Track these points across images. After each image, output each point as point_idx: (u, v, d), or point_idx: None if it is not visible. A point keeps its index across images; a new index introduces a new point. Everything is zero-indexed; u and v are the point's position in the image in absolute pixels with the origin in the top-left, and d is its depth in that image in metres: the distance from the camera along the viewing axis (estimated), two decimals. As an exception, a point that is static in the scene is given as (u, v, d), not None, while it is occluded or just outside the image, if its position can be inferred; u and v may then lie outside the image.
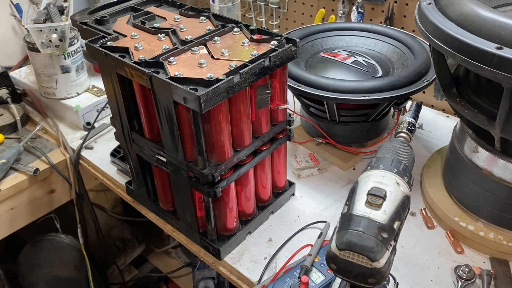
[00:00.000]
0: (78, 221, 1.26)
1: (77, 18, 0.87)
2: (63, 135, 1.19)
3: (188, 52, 0.74)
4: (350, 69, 1.01)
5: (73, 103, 1.20)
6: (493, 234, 0.80)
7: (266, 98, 0.75)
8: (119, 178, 1.05)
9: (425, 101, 1.23)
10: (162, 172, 0.84)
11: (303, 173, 1.00)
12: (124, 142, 0.88)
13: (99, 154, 1.13)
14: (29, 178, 1.10)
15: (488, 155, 0.76)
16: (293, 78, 0.94)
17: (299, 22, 1.42)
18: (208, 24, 0.83)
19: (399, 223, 0.50)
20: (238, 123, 0.74)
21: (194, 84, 0.65)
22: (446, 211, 0.85)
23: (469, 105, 0.75)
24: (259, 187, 0.87)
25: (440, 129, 1.12)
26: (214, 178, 0.72)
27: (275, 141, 0.83)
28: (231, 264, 0.82)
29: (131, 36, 0.79)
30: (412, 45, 1.03)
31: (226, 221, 0.82)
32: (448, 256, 0.81)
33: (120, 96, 0.79)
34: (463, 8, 0.66)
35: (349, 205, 0.51)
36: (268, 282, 0.76)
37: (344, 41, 1.12)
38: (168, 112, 0.70)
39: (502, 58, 0.58)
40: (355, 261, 0.47)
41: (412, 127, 0.66)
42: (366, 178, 0.54)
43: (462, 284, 0.74)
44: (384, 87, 0.89)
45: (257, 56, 0.71)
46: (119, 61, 0.72)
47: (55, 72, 1.18)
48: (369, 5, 1.22)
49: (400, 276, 0.77)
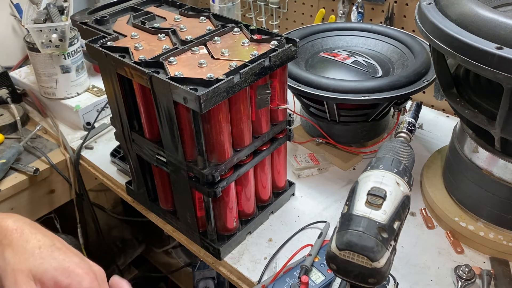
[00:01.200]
0: (78, 221, 1.26)
1: (77, 18, 0.87)
2: (63, 135, 1.19)
3: (188, 52, 0.74)
4: (350, 69, 1.01)
5: (73, 103, 1.20)
6: (493, 234, 0.80)
7: (266, 98, 0.75)
8: (119, 178, 1.05)
9: (425, 101, 1.23)
10: (162, 172, 0.84)
11: (303, 173, 1.00)
12: (124, 142, 0.88)
13: (99, 154, 1.13)
14: (29, 178, 1.10)
15: (488, 155, 0.76)
16: (293, 78, 0.94)
17: (299, 22, 1.42)
18: (208, 24, 0.83)
19: (399, 223, 0.50)
20: (238, 123, 0.74)
21: (194, 84, 0.65)
22: (446, 211, 0.85)
23: (469, 105, 0.75)
24: (259, 187, 0.87)
25: (440, 129, 1.12)
26: (214, 178, 0.72)
27: (275, 141, 0.83)
28: (231, 264, 0.82)
29: (131, 36, 0.79)
30: (412, 45, 1.03)
31: (226, 221, 0.82)
32: (448, 256, 0.81)
33: (120, 96, 0.79)
34: (463, 8, 0.66)
35: (349, 205, 0.51)
36: (268, 282, 0.76)
37: (344, 41, 1.12)
38: (168, 112, 0.70)
39: (502, 58, 0.58)
40: (355, 261, 0.47)
41: (412, 127, 0.66)
42: (366, 178, 0.54)
43: (462, 284, 0.74)
44: (384, 87, 0.89)
45: (257, 56, 0.71)
46: (119, 61, 0.72)
47: (55, 72, 1.18)
48: (369, 5, 1.22)
49: (400, 276, 0.77)
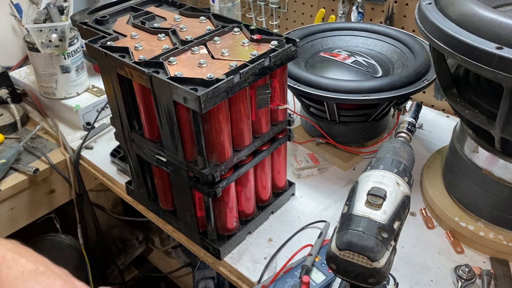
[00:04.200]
0: (78, 221, 1.26)
1: (77, 18, 0.87)
2: (63, 135, 1.19)
3: (188, 52, 0.74)
4: (350, 69, 1.01)
5: (73, 103, 1.20)
6: (493, 234, 0.80)
7: (266, 98, 0.75)
8: (119, 178, 1.05)
9: (425, 101, 1.23)
10: (162, 172, 0.84)
11: (303, 173, 1.00)
12: (124, 142, 0.88)
13: (99, 154, 1.13)
14: (29, 178, 1.10)
15: (488, 155, 0.76)
16: (293, 78, 0.94)
17: (299, 22, 1.42)
18: (208, 24, 0.83)
19: (399, 223, 0.50)
20: (238, 123, 0.74)
21: (194, 84, 0.65)
22: (446, 211, 0.85)
23: (469, 105, 0.75)
24: (259, 187, 0.87)
25: (440, 129, 1.12)
26: (214, 178, 0.72)
27: (275, 141, 0.83)
28: (231, 264, 0.82)
29: (131, 36, 0.79)
30: (412, 45, 1.03)
31: (226, 221, 0.82)
32: (448, 256, 0.81)
33: (120, 96, 0.79)
34: (463, 8, 0.66)
35: (349, 205, 0.51)
36: (269, 282, 0.76)
37: (344, 41, 1.12)
38: (168, 112, 0.70)
39: (502, 58, 0.58)
40: (355, 261, 0.47)
41: (412, 127, 0.66)
42: (366, 178, 0.54)
43: (462, 284, 0.74)
44: (384, 87, 0.89)
45: (257, 56, 0.71)
46: (119, 61, 0.72)
47: (55, 72, 1.18)
48: (369, 5, 1.22)
49: (400, 276, 0.77)
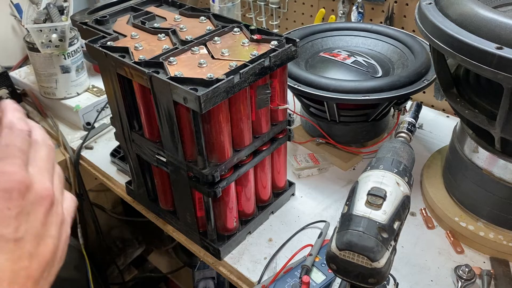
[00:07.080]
0: (78, 221, 1.26)
1: (77, 18, 0.86)
2: (63, 135, 1.19)
3: (188, 52, 0.74)
4: (350, 69, 1.01)
5: (73, 103, 1.20)
6: (493, 234, 0.80)
7: (266, 98, 0.75)
8: (119, 178, 1.05)
9: (425, 101, 1.23)
10: (162, 172, 0.84)
11: (303, 173, 1.00)
12: (124, 142, 0.88)
13: (99, 154, 1.13)
14: (29, 178, 1.10)
15: (488, 155, 0.76)
16: (293, 78, 0.94)
17: (299, 22, 1.42)
18: (208, 24, 0.83)
19: (399, 223, 0.50)
20: (238, 123, 0.74)
21: (194, 84, 0.65)
22: (446, 211, 0.85)
23: (469, 105, 0.75)
24: (259, 187, 0.87)
25: (440, 129, 1.12)
26: (214, 178, 0.72)
27: (275, 141, 0.83)
28: (231, 264, 0.82)
29: (131, 36, 0.79)
30: (412, 45, 1.03)
31: (226, 221, 0.82)
32: (448, 256, 0.81)
33: (120, 96, 0.79)
34: (463, 8, 0.66)
35: (349, 205, 0.51)
36: (269, 282, 0.76)
37: (344, 41, 1.12)
38: (168, 112, 0.70)
39: (502, 58, 0.58)
40: (355, 261, 0.47)
41: (412, 127, 0.66)
42: (366, 178, 0.54)
43: (462, 284, 0.74)
44: (384, 87, 0.89)
45: (257, 56, 0.71)
46: (119, 61, 0.72)
47: (55, 72, 1.18)
48: (369, 5, 1.22)
49: (400, 276, 0.77)
